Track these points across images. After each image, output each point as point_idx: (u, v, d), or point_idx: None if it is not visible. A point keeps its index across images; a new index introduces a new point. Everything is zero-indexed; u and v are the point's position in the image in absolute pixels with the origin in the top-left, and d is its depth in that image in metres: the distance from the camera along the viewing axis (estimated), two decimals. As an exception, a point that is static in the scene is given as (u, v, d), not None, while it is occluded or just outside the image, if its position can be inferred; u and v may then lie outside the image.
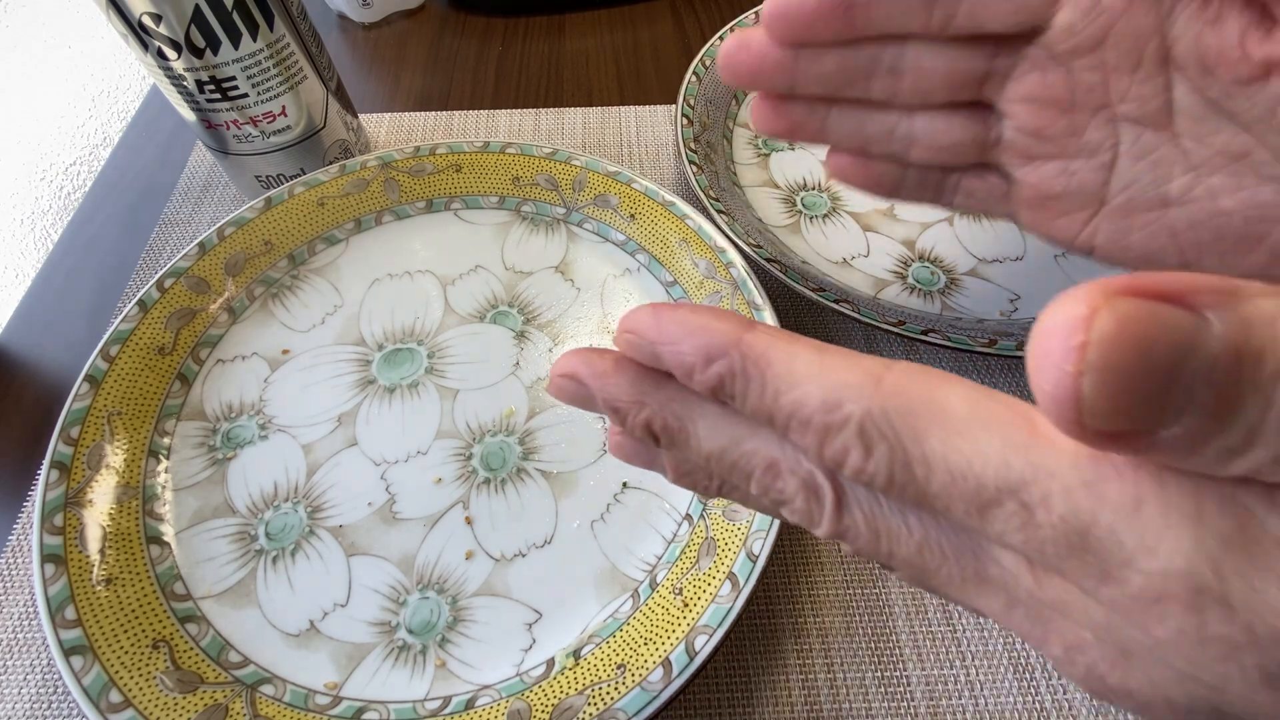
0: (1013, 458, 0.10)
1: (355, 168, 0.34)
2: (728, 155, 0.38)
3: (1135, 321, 0.08)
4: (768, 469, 0.13)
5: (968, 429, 0.10)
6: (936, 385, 0.11)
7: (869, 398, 0.11)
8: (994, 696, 0.24)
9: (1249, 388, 0.08)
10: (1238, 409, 0.08)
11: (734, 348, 0.12)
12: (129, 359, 0.28)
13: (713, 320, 0.12)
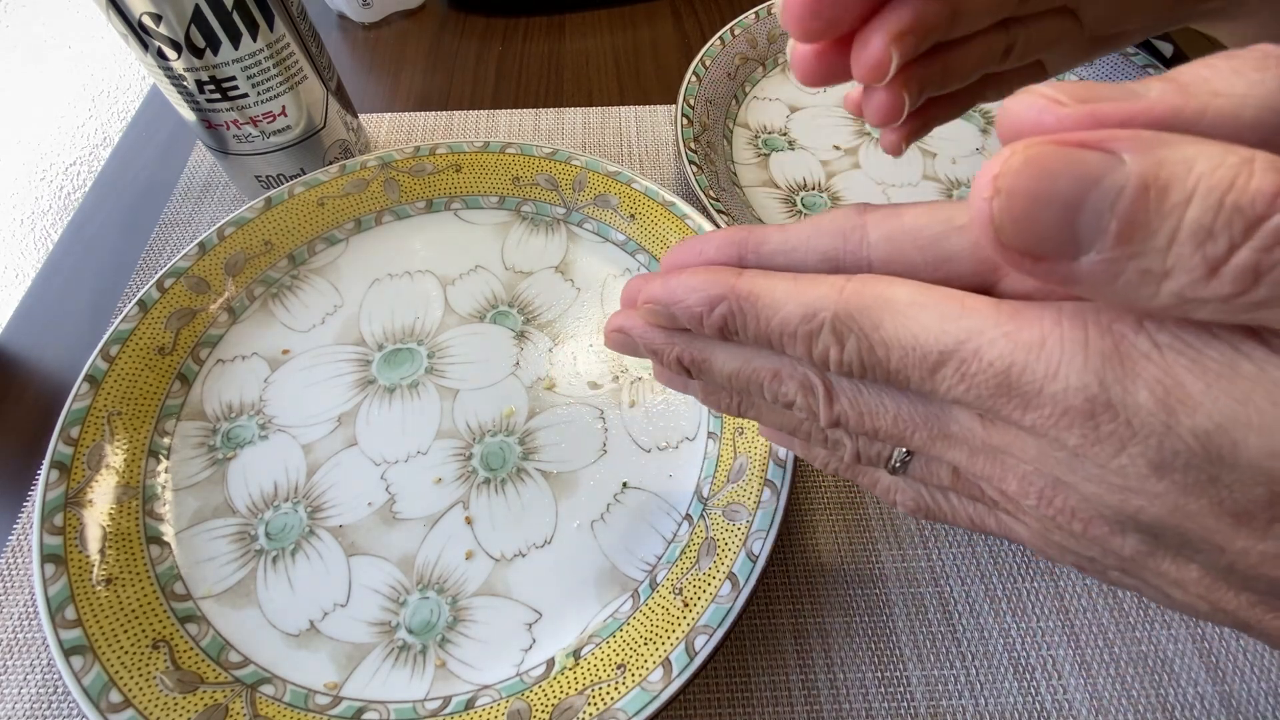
0: (948, 326, 0.12)
1: (355, 168, 0.34)
2: (728, 155, 0.38)
3: (1041, 158, 0.10)
4: (774, 377, 0.16)
5: (911, 311, 0.13)
6: (886, 285, 0.13)
7: (835, 303, 0.13)
8: (994, 696, 0.24)
9: (1155, 214, 0.09)
10: (1146, 234, 0.09)
11: (729, 292, 0.15)
12: (129, 359, 0.28)
13: (709, 276, 0.15)
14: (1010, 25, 0.21)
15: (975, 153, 0.38)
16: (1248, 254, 0.09)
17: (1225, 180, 0.09)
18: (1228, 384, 0.10)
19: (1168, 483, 0.11)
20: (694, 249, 0.17)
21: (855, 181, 0.37)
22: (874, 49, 0.18)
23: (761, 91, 0.41)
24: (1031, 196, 0.10)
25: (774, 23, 0.43)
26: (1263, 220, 0.09)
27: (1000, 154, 0.10)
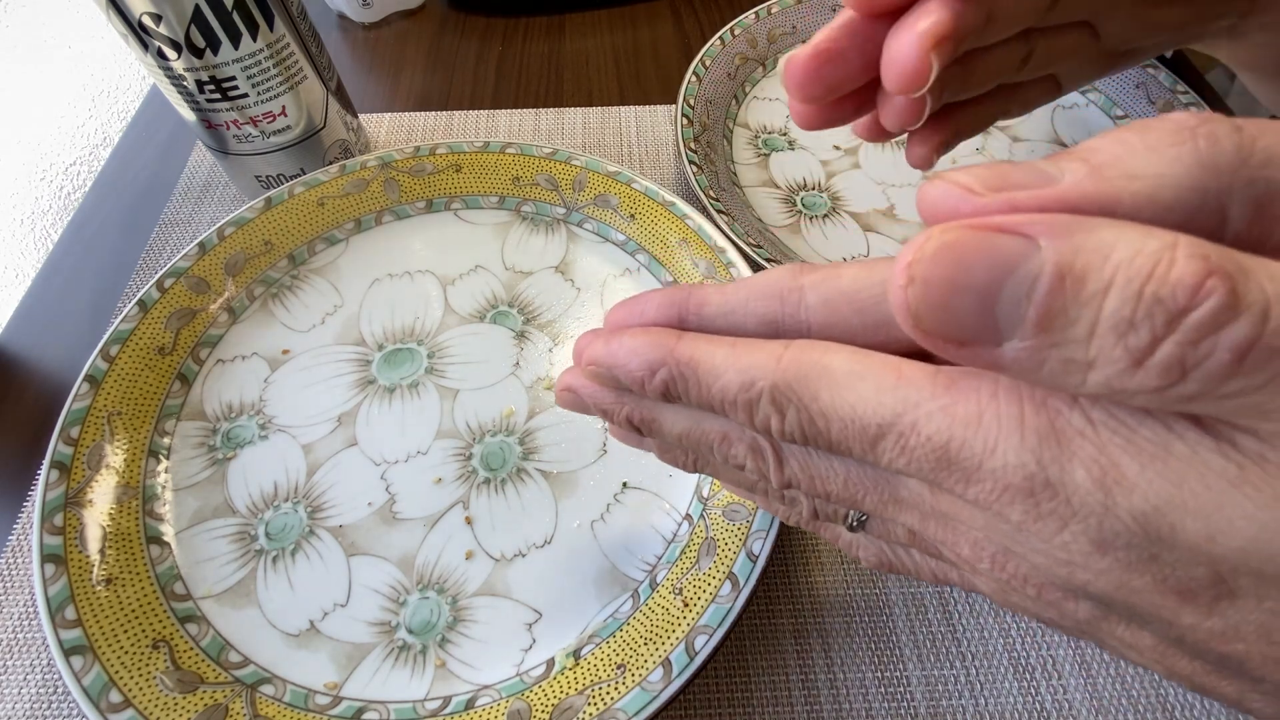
0: (885, 398, 0.12)
1: (355, 168, 0.34)
2: (728, 155, 0.38)
3: (955, 245, 0.10)
4: (723, 439, 0.16)
5: (848, 381, 0.12)
6: (822, 353, 0.13)
7: (772, 372, 0.13)
8: (994, 696, 0.24)
9: (1073, 303, 0.09)
10: (1065, 323, 0.09)
11: (669, 357, 0.15)
12: (129, 359, 0.28)
13: (648, 339, 0.15)
14: (1030, 34, 0.21)
15: (974, 153, 0.38)
16: (1172, 348, 0.09)
17: (1144, 269, 0.09)
18: (1162, 465, 0.10)
19: (1110, 560, 0.11)
20: (634, 309, 0.16)
21: (855, 181, 0.37)
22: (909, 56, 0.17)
23: (761, 91, 0.41)
24: (946, 284, 0.10)
25: (774, 22, 0.43)
26: (1185, 313, 0.08)
27: (915, 239, 0.10)
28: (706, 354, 0.14)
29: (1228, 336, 0.08)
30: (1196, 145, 0.10)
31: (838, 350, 0.13)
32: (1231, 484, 0.10)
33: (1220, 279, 0.08)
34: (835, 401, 0.13)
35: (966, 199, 0.10)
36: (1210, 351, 0.08)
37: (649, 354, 0.15)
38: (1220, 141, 0.10)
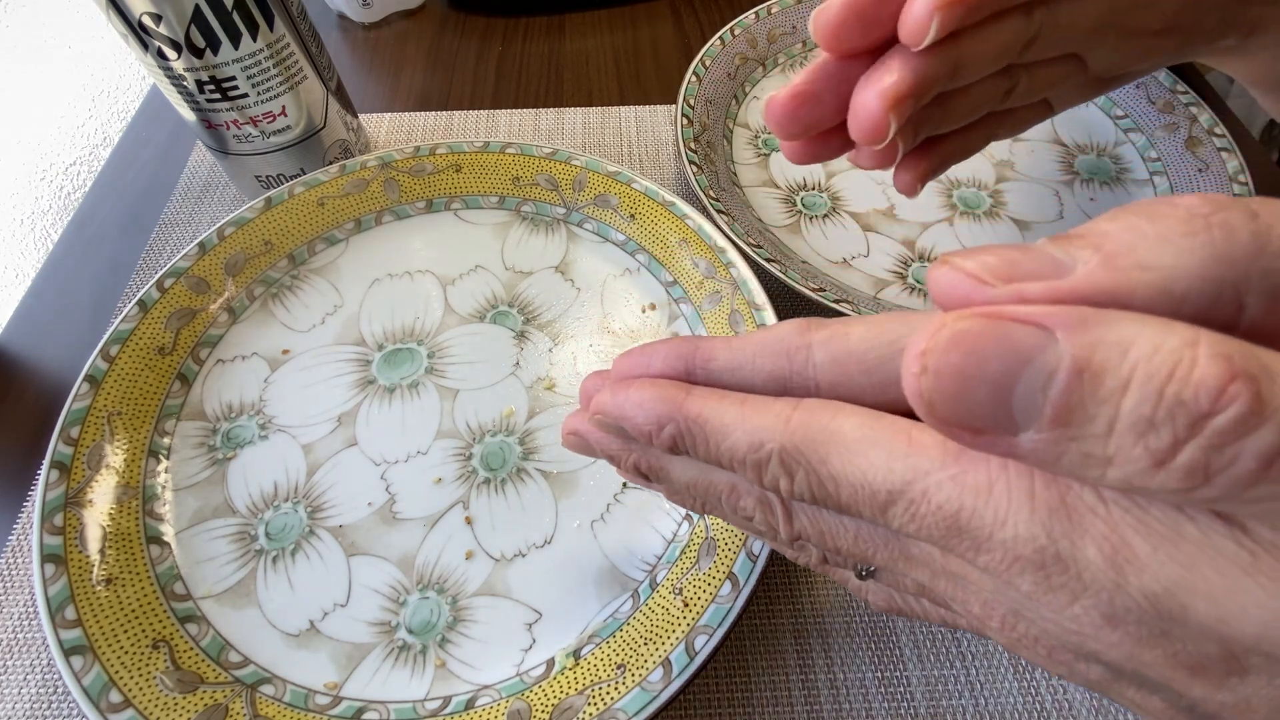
0: (895, 464, 0.12)
1: (355, 168, 0.34)
2: (728, 155, 0.38)
3: (969, 335, 0.09)
4: (731, 491, 0.16)
5: (859, 447, 0.12)
6: (831, 416, 0.13)
7: (781, 434, 0.13)
8: (994, 696, 0.24)
9: (1091, 400, 0.09)
10: (1083, 419, 0.09)
11: (676, 413, 0.15)
12: (129, 359, 0.28)
13: (656, 393, 0.15)
14: (1012, 69, 0.21)
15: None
16: (1195, 452, 0.08)
17: (1164, 368, 0.08)
18: (1173, 548, 0.10)
19: (1121, 633, 0.11)
20: (641, 360, 0.16)
21: (855, 181, 0.37)
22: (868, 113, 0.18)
23: (761, 91, 0.41)
24: (960, 375, 0.10)
25: (774, 22, 0.43)
26: (1209, 417, 0.08)
27: (929, 325, 0.10)
28: (715, 412, 0.14)
29: (1253, 444, 0.08)
30: (1211, 236, 0.09)
31: (848, 413, 0.13)
32: (1245, 571, 0.09)
33: (1245, 383, 0.08)
34: (845, 467, 0.12)
35: (977, 289, 0.10)
36: (1235, 458, 0.08)
37: (657, 409, 0.15)
38: (1236, 232, 0.09)
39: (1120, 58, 0.23)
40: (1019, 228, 0.35)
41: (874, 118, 0.18)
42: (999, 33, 0.19)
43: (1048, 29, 0.20)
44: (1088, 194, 0.36)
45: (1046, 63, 0.22)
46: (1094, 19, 0.20)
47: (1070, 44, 0.21)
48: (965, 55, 0.18)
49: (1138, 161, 0.37)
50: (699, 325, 0.31)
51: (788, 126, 0.19)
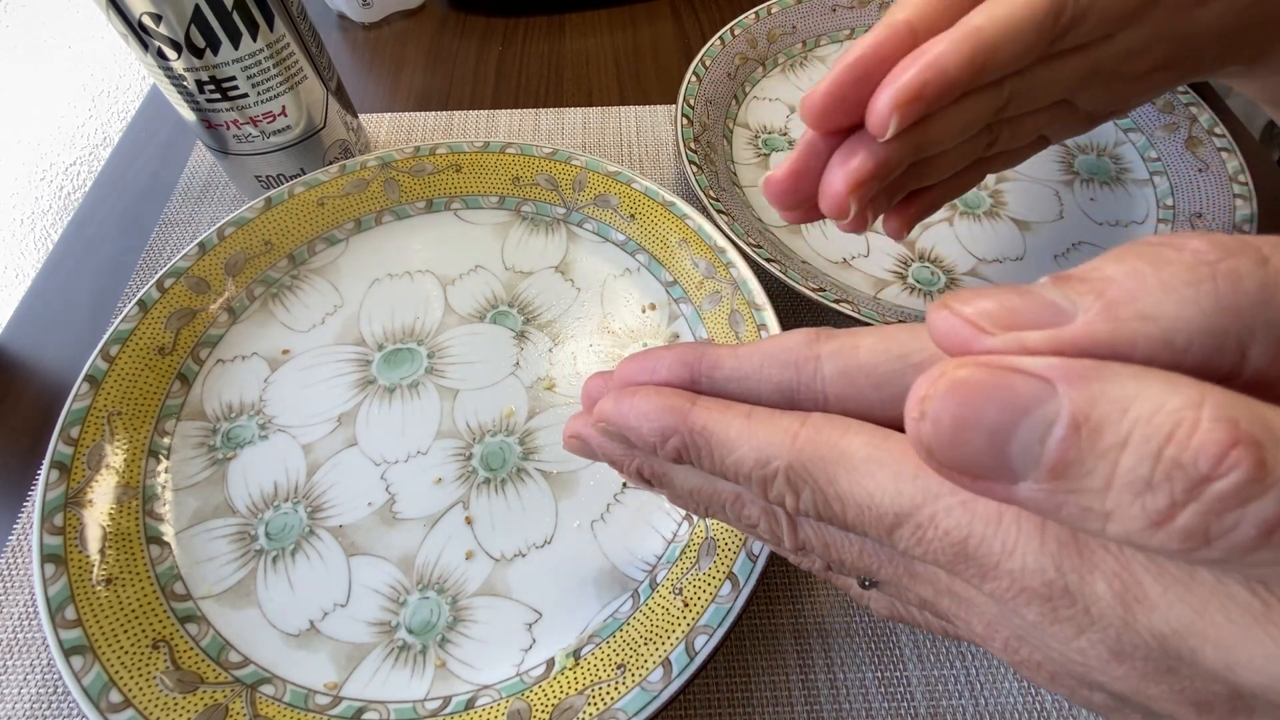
0: (904, 487, 0.12)
1: (355, 168, 0.34)
2: (728, 155, 0.38)
3: (968, 384, 0.09)
4: (735, 500, 0.16)
5: (867, 468, 0.12)
6: (840, 434, 0.13)
7: (788, 452, 0.13)
8: (994, 696, 0.24)
9: (1089, 454, 0.09)
10: (1081, 473, 0.09)
11: (681, 425, 0.15)
12: (129, 359, 0.28)
13: (661, 403, 0.15)
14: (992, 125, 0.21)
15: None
16: (1193, 516, 0.08)
17: (1164, 428, 0.08)
18: (1184, 590, 0.10)
19: (1128, 668, 0.11)
20: (646, 366, 0.16)
21: (855, 181, 0.37)
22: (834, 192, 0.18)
23: (761, 91, 0.41)
24: (958, 423, 0.10)
25: (774, 22, 0.43)
26: (1207, 482, 0.08)
27: (930, 373, 0.10)
28: (720, 425, 0.14)
29: (1254, 512, 0.08)
30: (1216, 286, 0.09)
31: (856, 431, 0.13)
32: (1256, 620, 0.09)
33: (1247, 448, 0.08)
34: (852, 488, 0.12)
35: (976, 338, 0.10)
36: (1235, 525, 0.08)
37: (662, 420, 0.15)
38: (1242, 281, 0.09)
39: (1113, 98, 0.22)
40: (1019, 228, 0.35)
41: (838, 198, 0.18)
42: (965, 111, 0.19)
43: (1021, 93, 0.19)
44: (1088, 194, 0.36)
45: (1030, 113, 0.21)
46: (1079, 73, 0.20)
47: (1053, 97, 0.21)
48: (930, 136, 0.19)
49: (1138, 161, 0.37)
50: (699, 325, 0.31)
51: (785, 201, 0.20)
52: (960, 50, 0.16)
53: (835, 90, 0.17)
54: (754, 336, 0.28)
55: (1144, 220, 0.35)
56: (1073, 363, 0.09)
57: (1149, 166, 0.37)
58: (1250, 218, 0.32)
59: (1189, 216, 0.34)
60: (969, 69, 0.17)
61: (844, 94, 0.17)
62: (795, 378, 0.14)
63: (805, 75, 0.42)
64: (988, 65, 0.17)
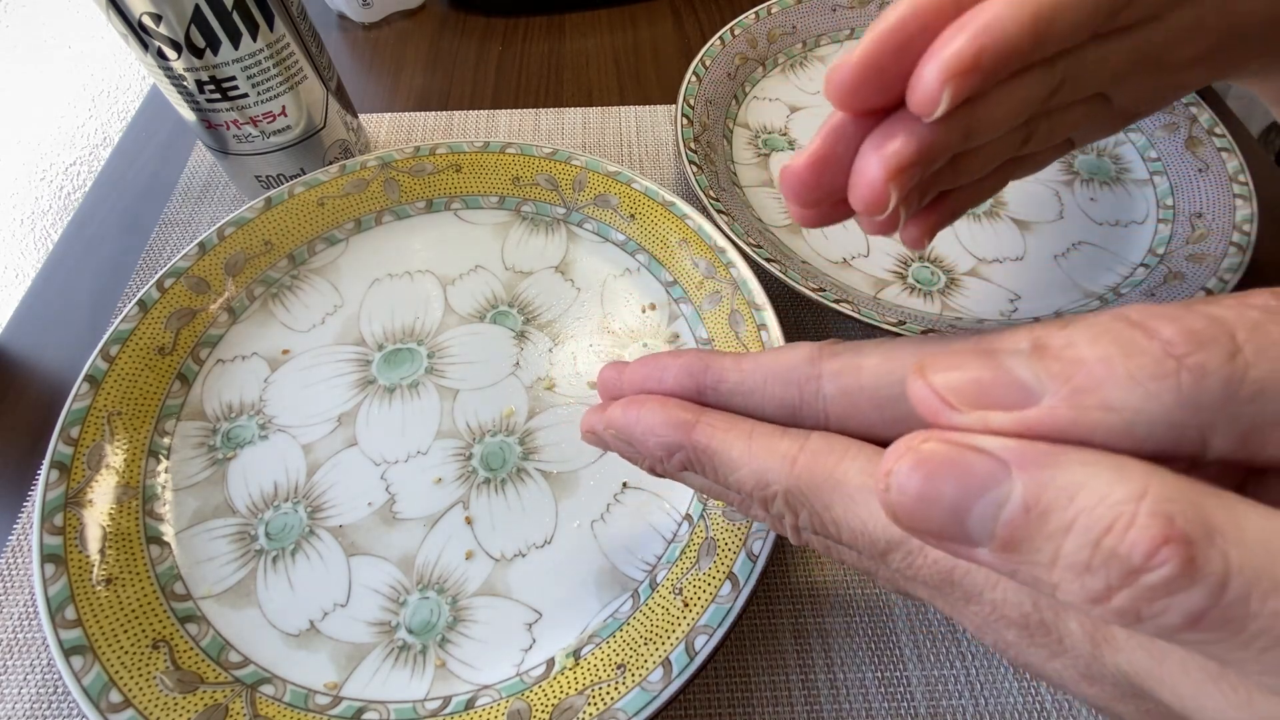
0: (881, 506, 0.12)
1: (355, 168, 0.34)
2: (728, 155, 0.38)
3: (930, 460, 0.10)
4: (742, 501, 0.16)
5: (861, 496, 0.13)
6: (836, 461, 0.13)
7: (786, 476, 0.14)
8: (994, 696, 0.24)
9: (1037, 534, 0.09)
10: (1030, 549, 0.10)
11: (686, 441, 0.15)
12: (129, 359, 0.28)
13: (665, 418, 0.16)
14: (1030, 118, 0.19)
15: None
16: (1127, 600, 0.09)
17: (1104, 520, 0.09)
18: (1146, 640, 0.11)
19: (1098, 689, 0.12)
20: (654, 374, 0.17)
21: (855, 181, 0.37)
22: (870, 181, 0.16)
23: (761, 91, 0.41)
24: (921, 497, 0.10)
25: (774, 22, 0.43)
26: (1140, 573, 0.09)
27: (898, 446, 0.11)
28: (723, 445, 0.15)
29: (1181, 602, 0.08)
30: (1179, 381, 0.09)
31: (853, 457, 0.13)
32: (1209, 678, 0.10)
33: (1177, 546, 0.08)
34: (847, 514, 0.13)
35: (945, 414, 0.11)
36: (1164, 610, 0.09)
37: (667, 436, 0.16)
38: (1207, 378, 0.09)
39: (1150, 93, 0.21)
40: (1019, 228, 0.35)
41: (874, 188, 0.16)
42: (1018, 90, 0.17)
43: (1072, 77, 0.18)
44: (1088, 194, 0.36)
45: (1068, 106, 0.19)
46: (1126, 58, 0.18)
47: (1097, 86, 0.19)
48: (980, 119, 0.16)
49: (1138, 161, 0.37)
50: (699, 325, 0.31)
51: (806, 195, 0.17)
52: (1021, 13, 0.14)
53: (871, 60, 0.15)
54: (754, 336, 0.28)
55: (1144, 220, 0.35)
56: (1028, 447, 0.10)
57: (1149, 166, 0.37)
58: (1250, 218, 0.32)
59: (1189, 216, 0.34)
60: (1031, 36, 0.14)
61: (881, 65, 0.15)
62: (798, 396, 0.15)
63: (805, 75, 0.42)
64: (1049, 34, 0.15)
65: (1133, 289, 0.32)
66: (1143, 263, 0.33)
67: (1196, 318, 0.10)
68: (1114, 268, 0.33)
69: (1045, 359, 0.10)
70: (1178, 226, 0.34)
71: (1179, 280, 0.31)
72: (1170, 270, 0.31)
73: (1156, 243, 0.33)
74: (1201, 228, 0.33)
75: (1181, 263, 0.32)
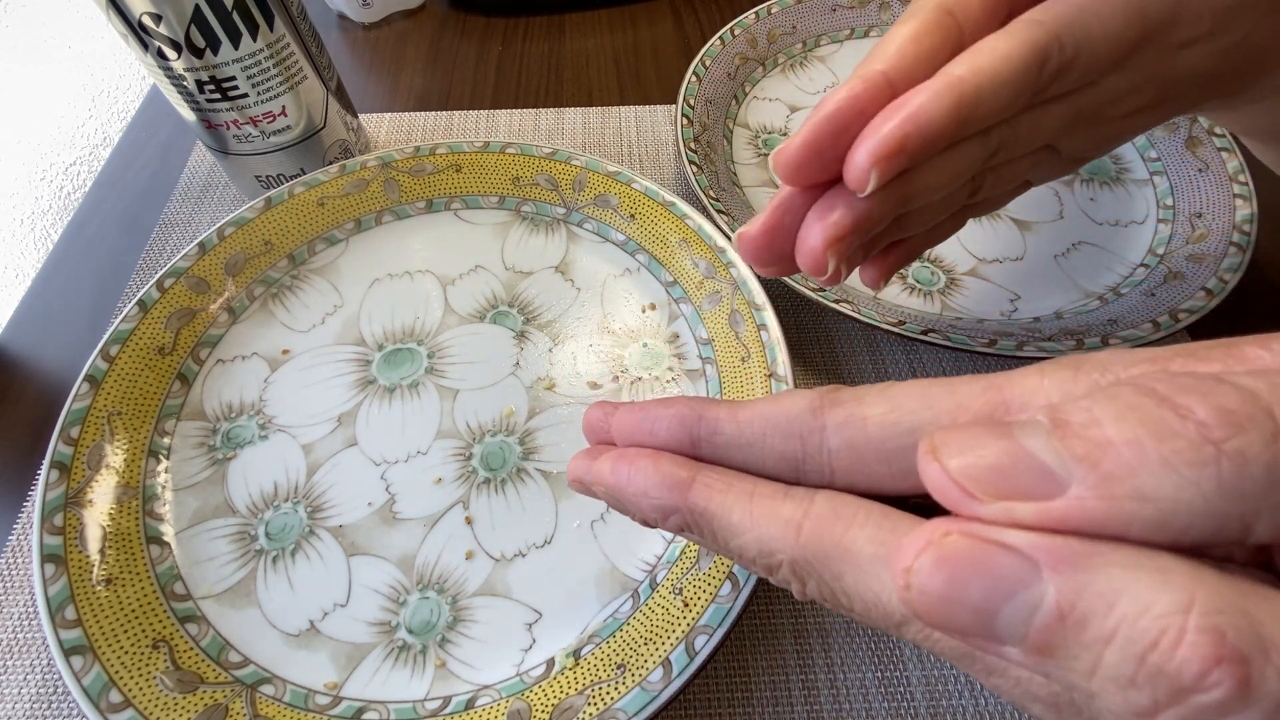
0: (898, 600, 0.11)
1: (355, 168, 0.34)
2: (728, 155, 0.38)
3: (953, 558, 0.09)
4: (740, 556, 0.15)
5: (873, 569, 0.12)
6: (845, 529, 0.12)
7: (792, 546, 0.13)
8: (994, 696, 0.24)
9: (1074, 642, 0.09)
10: (1065, 656, 0.09)
11: (682, 504, 0.14)
12: (129, 359, 0.28)
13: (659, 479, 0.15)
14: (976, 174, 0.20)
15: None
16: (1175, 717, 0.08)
17: (1149, 635, 0.08)
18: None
19: None
20: (643, 425, 0.16)
21: (855, 181, 0.37)
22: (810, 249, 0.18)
23: (761, 91, 0.41)
24: (944, 598, 0.10)
25: (774, 22, 0.43)
26: (1191, 693, 0.08)
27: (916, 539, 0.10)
28: (722, 509, 0.14)
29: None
30: (1219, 470, 0.09)
31: (861, 524, 0.12)
32: None
33: (1232, 666, 0.08)
34: (858, 586, 0.12)
35: (965, 504, 0.10)
36: None
37: (661, 498, 0.15)
38: (1248, 465, 0.08)
39: (1096, 141, 0.22)
40: (1019, 228, 0.35)
41: (815, 254, 0.18)
42: (952, 161, 0.18)
43: (1008, 142, 0.19)
44: (1088, 194, 0.36)
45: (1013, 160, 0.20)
46: (1063, 119, 0.19)
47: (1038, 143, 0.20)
48: (916, 187, 0.18)
49: (1137, 161, 0.37)
50: (699, 325, 0.31)
51: (760, 257, 0.19)
52: (942, 101, 0.16)
53: (811, 144, 0.17)
54: (754, 336, 0.28)
55: (1144, 220, 0.35)
56: (1059, 544, 0.09)
57: (1149, 166, 0.37)
58: (1250, 218, 0.32)
59: (1189, 216, 0.34)
60: (952, 121, 0.16)
61: (820, 148, 0.17)
62: (800, 449, 0.14)
63: (805, 75, 0.42)
64: (972, 118, 0.16)
65: (1133, 289, 0.32)
66: (1143, 263, 0.33)
67: (1228, 394, 0.09)
68: (1114, 268, 0.33)
69: (1067, 439, 0.10)
70: (1178, 226, 0.34)
71: (1179, 280, 0.31)
72: (1170, 270, 0.31)
73: (1156, 243, 0.33)
74: (1201, 228, 0.33)
75: (1181, 263, 0.32)
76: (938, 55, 0.17)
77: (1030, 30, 0.16)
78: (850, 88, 0.17)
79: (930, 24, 0.17)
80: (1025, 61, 0.16)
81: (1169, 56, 0.18)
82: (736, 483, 0.14)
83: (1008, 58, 0.16)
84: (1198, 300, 0.29)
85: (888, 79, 0.16)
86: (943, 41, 0.17)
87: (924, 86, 0.16)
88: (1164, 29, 0.17)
